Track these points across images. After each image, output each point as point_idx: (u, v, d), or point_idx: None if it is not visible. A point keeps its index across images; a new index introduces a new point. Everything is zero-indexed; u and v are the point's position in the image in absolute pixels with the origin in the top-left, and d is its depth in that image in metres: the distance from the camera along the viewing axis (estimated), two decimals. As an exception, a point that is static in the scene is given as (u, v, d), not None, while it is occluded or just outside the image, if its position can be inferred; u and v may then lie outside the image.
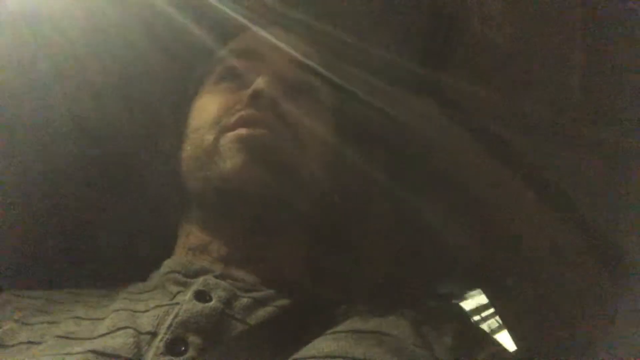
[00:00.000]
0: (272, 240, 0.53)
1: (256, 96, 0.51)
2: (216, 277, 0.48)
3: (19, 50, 0.60)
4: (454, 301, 0.51)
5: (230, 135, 0.51)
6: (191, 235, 0.54)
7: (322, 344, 0.40)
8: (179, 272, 0.49)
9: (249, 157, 0.49)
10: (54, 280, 0.55)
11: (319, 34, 0.52)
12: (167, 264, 0.53)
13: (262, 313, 0.45)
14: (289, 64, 0.57)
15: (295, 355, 0.39)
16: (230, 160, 0.49)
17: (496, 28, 0.43)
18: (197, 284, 0.46)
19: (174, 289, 0.48)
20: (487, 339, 0.48)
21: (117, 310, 0.44)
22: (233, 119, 0.51)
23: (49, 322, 0.44)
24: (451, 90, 0.47)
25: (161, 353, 0.38)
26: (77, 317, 0.44)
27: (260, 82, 0.52)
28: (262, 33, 0.58)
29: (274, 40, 0.57)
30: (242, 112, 0.51)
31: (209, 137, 0.52)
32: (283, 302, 0.47)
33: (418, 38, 0.49)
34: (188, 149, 0.55)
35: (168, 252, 0.56)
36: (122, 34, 0.63)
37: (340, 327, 0.43)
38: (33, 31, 0.60)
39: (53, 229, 0.61)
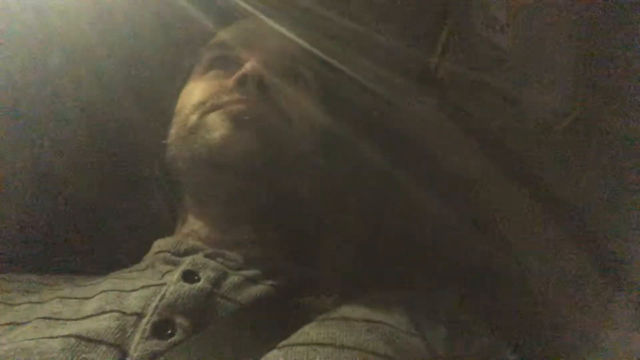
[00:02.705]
0: (260, 225, 0.52)
1: (242, 81, 0.51)
2: (206, 255, 0.47)
3: (29, 41, 0.61)
4: (445, 292, 0.49)
5: (217, 112, 0.51)
6: (185, 222, 0.54)
7: (312, 331, 0.39)
8: (168, 251, 0.49)
9: (236, 128, 0.49)
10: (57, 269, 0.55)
11: (320, 23, 0.51)
12: (158, 244, 0.52)
13: (252, 291, 0.44)
14: (277, 54, 0.57)
15: (284, 342, 0.38)
16: (217, 132, 0.49)
17: (499, 30, 0.42)
18: (186, 263, 0.45)
19: (164, 268, 0.47)
20: (481, 331, 0.46)
21: (105, 290, 0.43)
22: (219, 102, 0.51)
23: (34, 303, 0.43)
24: (451, 88, 0.45)
25: (147, 336, 0.37)
26: (63, 297, 0.43)
27: (247, 67, 0.52)
28: (250, 23, 0.59)
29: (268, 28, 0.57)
30: (227, 98, 0.51)
31: (193, 117, 0.52)
32: (273, 282, 0.46)
33: (422, 35, 0.48)
34: (173, 132, 0.55)
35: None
36: (130, 23, 0.63)
37: (331, 314, 0.42)
38: (43, 21, 0.61)
39: (60, 218, 0.61)
